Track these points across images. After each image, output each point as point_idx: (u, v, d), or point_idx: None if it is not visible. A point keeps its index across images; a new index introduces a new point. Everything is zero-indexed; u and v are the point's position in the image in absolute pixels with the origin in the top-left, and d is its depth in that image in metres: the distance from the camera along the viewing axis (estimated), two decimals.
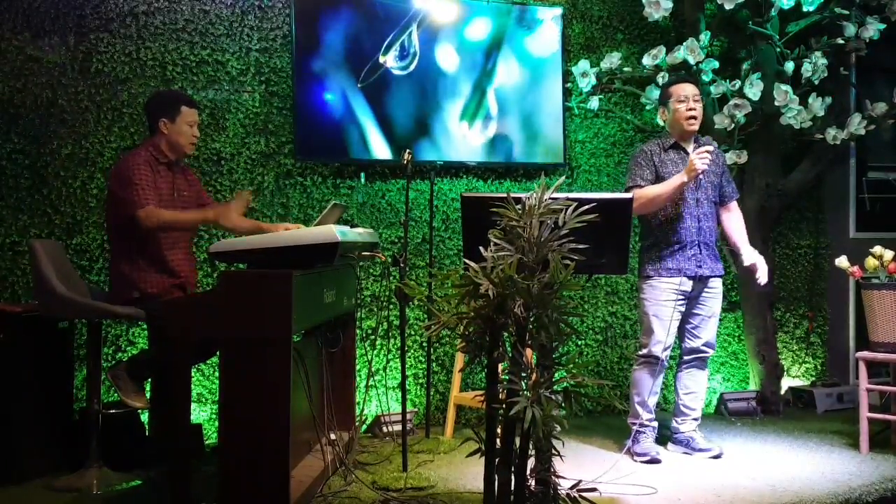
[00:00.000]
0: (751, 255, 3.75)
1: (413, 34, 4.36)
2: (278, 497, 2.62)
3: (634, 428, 3.69)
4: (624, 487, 3.18)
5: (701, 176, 3.63)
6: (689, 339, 3.75)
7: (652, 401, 3.69)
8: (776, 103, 4.41)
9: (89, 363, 3.38)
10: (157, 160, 3.26)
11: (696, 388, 3.78)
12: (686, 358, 3.78)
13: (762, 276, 3.72)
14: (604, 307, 4.73)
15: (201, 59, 4.11)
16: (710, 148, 3.59)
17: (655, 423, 3.74)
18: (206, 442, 3.88)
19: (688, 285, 3.64)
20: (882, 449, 3.79)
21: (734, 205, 3.84)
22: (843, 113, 4.75)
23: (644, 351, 3.67)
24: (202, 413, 3.99)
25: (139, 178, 3.16)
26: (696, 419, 3.78)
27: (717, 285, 3.72)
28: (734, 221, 3.83)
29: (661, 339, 3.62)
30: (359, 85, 4.27)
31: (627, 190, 3.66)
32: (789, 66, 4.52)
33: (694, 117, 3.63)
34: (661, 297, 3.63)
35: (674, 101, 3.68)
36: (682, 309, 3.67)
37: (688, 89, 3.66)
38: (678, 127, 3.67)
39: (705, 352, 3.75)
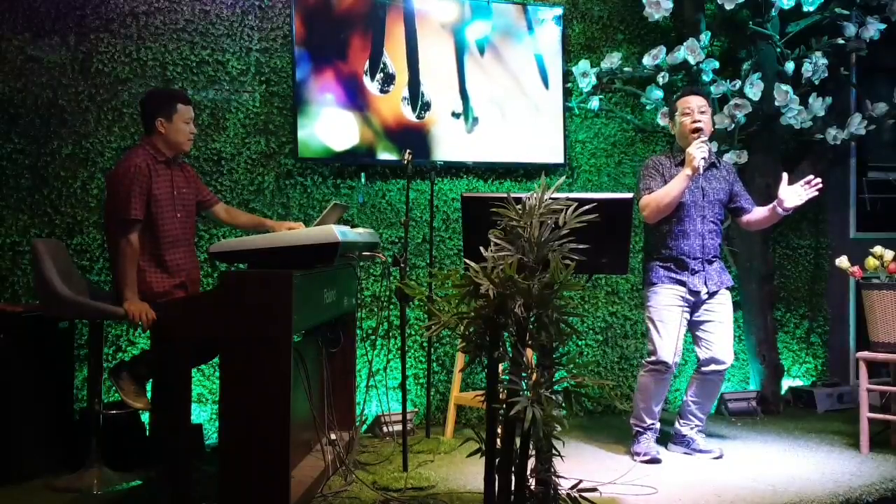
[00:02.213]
0: (782, 191, 3.56)
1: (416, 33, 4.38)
2: (278, 497, 2.63)
3: (636, 429, 3.69)
4: (624, 487, 3.17)
5: (706, 186, 3.62)
6: (705, 348, 3.67)
7: (657, 407, 3.67)
8: (776, 103, 4.41)
9: (90, 363, 3.39)
10: (156, 159, 3.26)
11: (706, 401, 3.75)
12: (704, 369, 3.69)
13: (786, 197, 3.51)
14: (604, 307, 4.73)
15: (202, 60, 4.11)
16: (705, 137, 3.57)
17: (658, 426, 3.72)
18: (207, 442, 3.88)
19: (693, 294, 3.63)
20: (882, 449, 3.79)
21: (754, 208, 3.77)
22: (843, 113, 4.75)
23: (652, 358, 3.63)
24: (202, 413, 3.99)
25: (132, 187, 3.14)
26: (699, 425, 3.77)
27: (724, 293, 3.69)
28: (759, 213, 3.71)
29: (668, 344, 3.57)
30: (365, 78, 4.28)
31: (638, 200, 3.63)
32: (789, 66, 4.53)
33: (698, 129, 3.60)
34: (665, 303, 3.61)
35: (679, 114, 3.67)
36: (688, 316, 3.64)
37: (692, 102, 3.63)
38: (685, 140, 3.64)
39: (723, 361, 3.64)
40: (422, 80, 4.39)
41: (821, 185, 3.53)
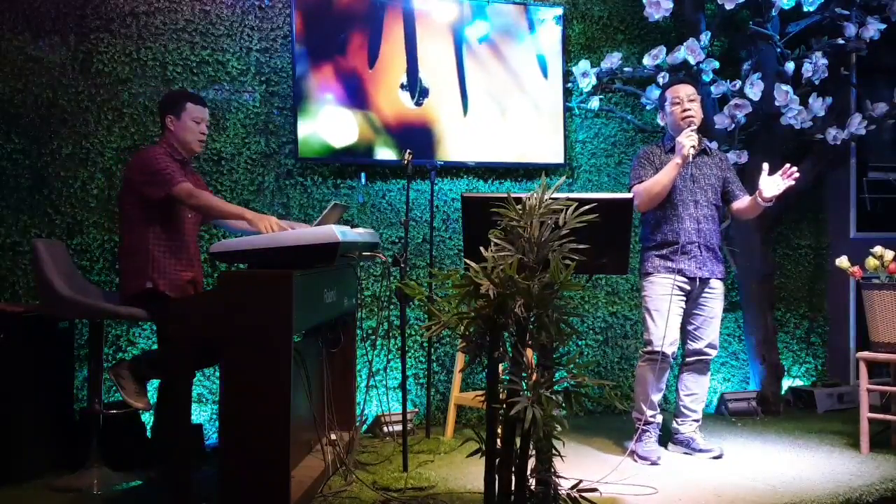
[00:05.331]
0: (762, 181, 3.53)
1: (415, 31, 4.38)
2: (278, 497, 2.62)
3: (638, 425, 3.69)
4: (624, 487, 3.18)
5: (696, 172, 3.67)
6: (691, 340, 3.76)
7: (656, 397, 3.69)
8: (776, 103, 4.41)
9: (90, 363, 3.39)
10: (172, 157, 3.28)
11: (698, 390, 3.78)
12: (688, 360, 3.78)
13: (765, 187, 3.47)
14: (604, 307, 4.73)
15: (202, 60, 4.11)
16: (695, 126, 3.61)
17: (659, 419, 3.73)
18: (207, 442, 3.88)
19: (688, 284, 3.66)
20: (882, 449, 3.79)
21: (745, 196, 3.76)
22: (843, 113, 4.75)
23: (648, 347, 3.68)
24: (202, 413, 3.99)
25: (165, 163, 3.20)
26: (696, 420, 3.79)
27: (717, 286, 3.72)
28: (745, 201, 3.71)
29: (663, 333, 3.61)
30: (370, 70, 4.28)
31: (630, 189, 3.69)
32: (790, 66, 4.52)
33: (689, 117, 3.64)
34: (661, 292, 3.64)
35: (669, 104, 3.72)
36: (683, 305, 3.68)
37: (681, 91, 3.69)
38: (676, 129, 3.69)
39: (708, 354, 3.75)
40: (420, 68, 4.37)
41: (797, 175, 3.52)
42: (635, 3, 4.63)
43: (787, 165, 3.53)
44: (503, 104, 4.52)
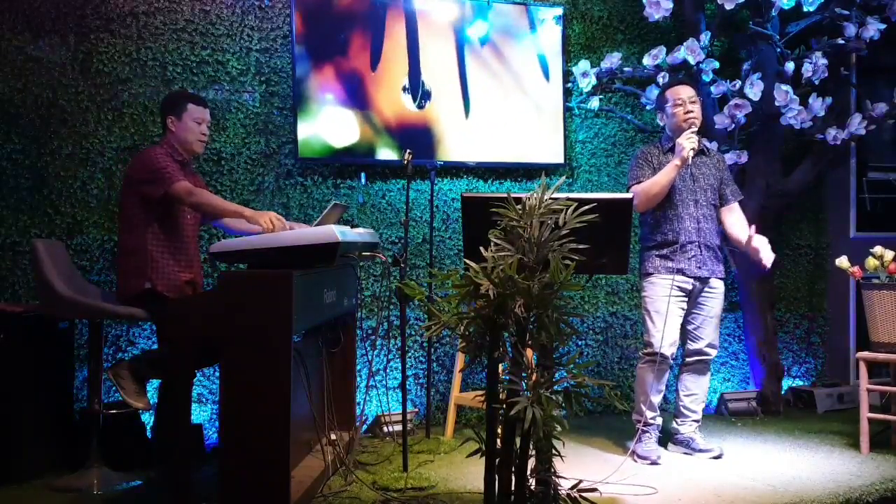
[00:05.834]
0: (755, 241, 3.62)
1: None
2: (278, 497, 2.63)
3: (638, 426, 3.69)
4: (624, 487, 3.18)
5: (696, 172, 3.67)
6: (690, 340, 3.76)
7: (656, 398, 3.69)
8: (776, 103, 4.41)
9: (90, 363, 3.39)
10: (173, 157, 3.28)
11: (697, 391, 3.78)
12: (688, 360, 3.78)
13: (765, 257, 3.59)
14: (604, 307, 4.73)
15: (202, 60, 4.11)
16: (696, 128, 3.63)
17: (659, 421, 3.73)
18: (207, 442, 3.88)
19: (688, 283, 3.65)
20: (882, 449, 3.79)
21: (735, 205, 3.79)
22: (843, 113, 4.75)
23: (648, 349, 3.68)
24: (202, 413, 3.99)
25: (165, 162, 3.21)
26: (696, 420, 3.79)
27: (717, 286, 3.72)
28: (734, 219, 3.77)
29: (663, 334, 3.61)
30: (372, 73, 4.29)
31: (628, 189, 3.69)
32: (789, 66, 4.52)
33: (691, 119, 3.64)
34: (661, 293, 3.64)
35: (670, 105, 3.71)
36: (683, 306, 3.68)
37: (683, 92, 3.69)
38: (677, 130, 3.68)
39: (707, 354, 3.74)
40: (422, 71, 4.38)
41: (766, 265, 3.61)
42: (635, 3, 4.63)
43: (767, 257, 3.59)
44: (504, 104, 4.51)
